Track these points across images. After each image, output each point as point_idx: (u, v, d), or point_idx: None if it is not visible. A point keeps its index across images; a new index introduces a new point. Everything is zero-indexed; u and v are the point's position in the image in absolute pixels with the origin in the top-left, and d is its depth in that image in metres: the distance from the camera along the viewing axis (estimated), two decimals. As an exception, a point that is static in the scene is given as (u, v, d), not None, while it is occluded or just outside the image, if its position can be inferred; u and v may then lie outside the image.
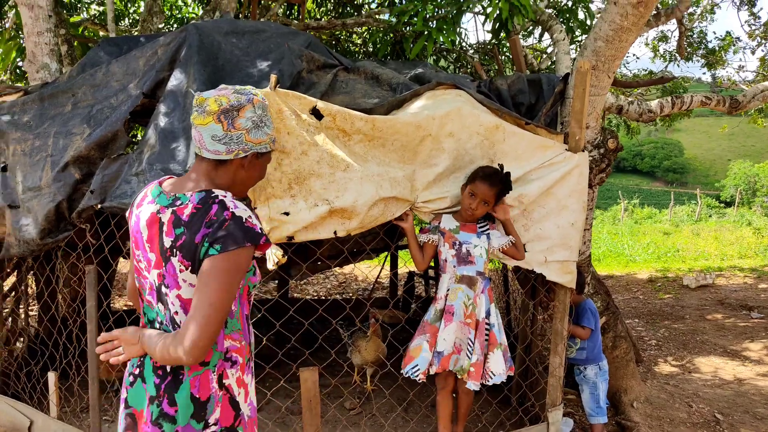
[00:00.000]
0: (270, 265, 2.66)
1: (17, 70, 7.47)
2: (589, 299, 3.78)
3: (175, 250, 1.64)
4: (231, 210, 1.63)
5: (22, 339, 4.35)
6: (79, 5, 8.34)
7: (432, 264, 7.10)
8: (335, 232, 2.74)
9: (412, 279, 7.19)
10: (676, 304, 7.36)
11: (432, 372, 3.01)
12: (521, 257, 3.08)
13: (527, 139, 3.10)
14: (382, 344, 4.14)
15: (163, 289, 1.68)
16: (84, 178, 3.24)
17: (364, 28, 7.96)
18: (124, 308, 7.02)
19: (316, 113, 2.67)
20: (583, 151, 3.22)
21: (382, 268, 7.47)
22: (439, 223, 3.09)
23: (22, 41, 6.76)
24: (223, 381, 1.71)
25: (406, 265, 6.78)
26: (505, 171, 2.99)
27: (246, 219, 1.63)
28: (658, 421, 3.89)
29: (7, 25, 6.72)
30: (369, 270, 10.11)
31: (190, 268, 1.62)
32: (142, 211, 1.76)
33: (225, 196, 1.68)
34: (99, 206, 3.08)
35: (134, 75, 3.35)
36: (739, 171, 37.62)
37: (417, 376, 2.98)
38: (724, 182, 41.00)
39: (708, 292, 7.83)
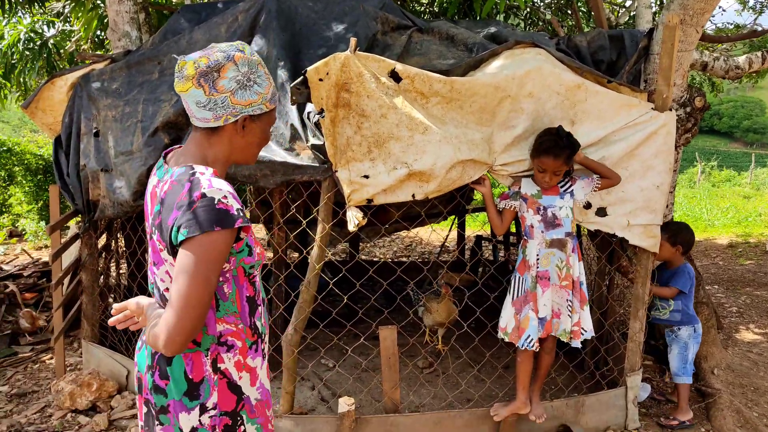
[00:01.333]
0: (351, 227, 2.73)
1: (96, 38, 7.79)
2: (688, 263, 3.65)
3: (154, 228, 1.56)
4: (202, 190, 1.45)
5: (114, 294, 4.66)
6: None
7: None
8: (413, 195, 2.77)
9: (480, 242, 7.17)
10: (758, 270, 7.01)
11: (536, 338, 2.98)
12: (618, 179, 2.96)
13: (610, 98, 2.99)
14: (453, 306, 4.18)
15: (154, 264, 1.63)
16: (172, 143, 3.39)
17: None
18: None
19: (395, 76, 2.67)
20: (670, 110, 3.08)
21: (450, 231, 7.48)
22: (519, 188, 3.01)
23: (101, 11, 7.03)
24: (218, 365, 1.62)
25: (483, 229, 6.76)
26: (561, 129, 2.87)
27: (219, 200, 1.45)
28: (741, 388, 3.78)
29: (89, -4, 6.97)
30: (433, 233, 10.14)
31: (166, 249, 1.53)
32: (149, 181, 1.69)
33: (203, 173, 1.51)
34: (186, 170, 3.22)
35: (217, 41, 3.43)
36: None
37: (532, 346, 2.94)
38: (813, 142, 38.03)
39: (795, 259, 7.41)
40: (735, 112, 59.46)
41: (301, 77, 2.57)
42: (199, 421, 1.60)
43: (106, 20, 6.93)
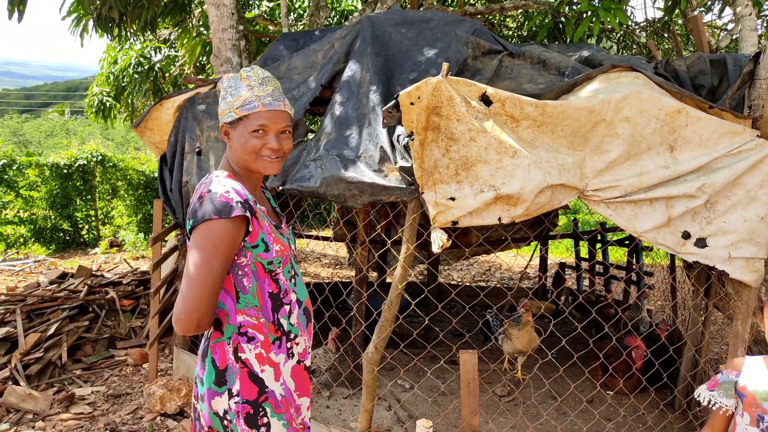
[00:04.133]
0: (435, 248, 2.75)
1: (198, 63, 8.35)
2: None
3: None
4: (210, 187, 1.69)
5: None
6: (251, 2, 9.09)
7: (585, 255, 6.85)
8: (500, 219, 2.75)
9: (563, 270, 6.97)
10: None
11: None
12: None
13: (713, 124, 2.86)
14: (534, 334, 4.09)
15: None
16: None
17: (519, 11, 7.78)
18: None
19: (486, 99, 2.69)
20: (778, 137, 2.90)
21: (532, 256, 7.32)
22: (737, 376, 1.91)
23: (205, 38, 7.53)
24: (239, 354, 1.73)
25: (568, 255, 6.60)
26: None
27: (221, 194, 1.65)
28: None
29: (192, 23, 7.51)
30: (514, 258, 9.95)
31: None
32: None
33: (218, 176, 1.75)
34: (280, 188, 3.38)
35: (313, 68, 3.60)
36: None
37: None
38: None
39: None
40: None
41: (393, 101, 2.65)
42: (228, 404, 1.74)
43: (208, 47, 7.43)
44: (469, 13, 6.15)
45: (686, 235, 2.89)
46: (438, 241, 2.77)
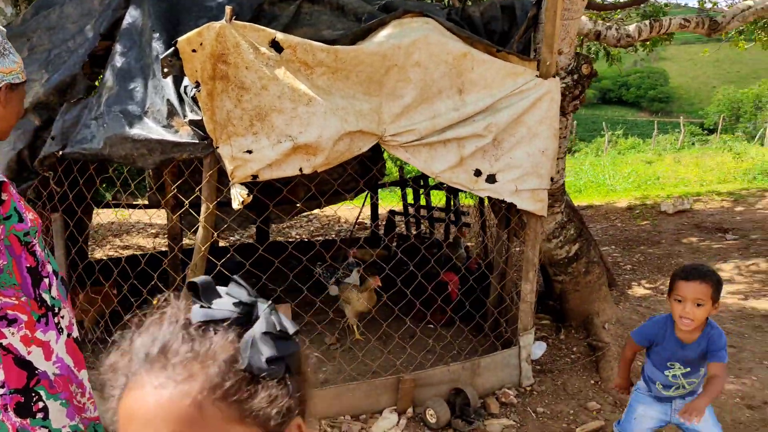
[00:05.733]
0: (235, 205, 2.64)
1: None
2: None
3: None
4: None
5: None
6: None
7: (412, 201, 7.16)
8: (301, 169, 2.71)
9: (392, 217, 7.22)
10: (653, 230, 7.48)
11: None
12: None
13: (496, 66, 3.03)
14: (374, 295, 4.09)
15: None
16: (44, 125, 3.16)
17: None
18: (104, 258, 7.02)
19: (276, 46, 2.58)
20: (554, 76, 3.17)
21: (363, 207, 7.48)
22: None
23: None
24: (0, 341, 1.57)
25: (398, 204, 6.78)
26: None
27: None
28: (629, 341, 4.03)
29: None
30: (350, 211, 10.14)
31: None
32: None
33: None
34: (60, 153, 3.01)
35: (90, 15, 3.21)
36: (723, 97, 37.50)
37: None
38: (708, 110, 40.93)
39: (685, 217, 7.95)
40: (641, 82, 62.86)
41: (172, 48, 2.44)
42: None
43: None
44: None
45: (478, 173, 3.08)
46: (238, 197, 2.66)
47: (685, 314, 2.24)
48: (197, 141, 2.66)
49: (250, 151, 2.62)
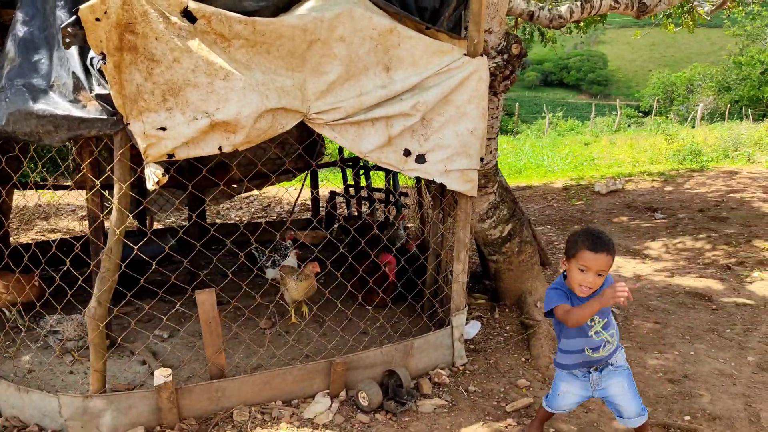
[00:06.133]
0: (149, 185, 2.49)
1: None
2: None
3: None
4: None
5: None
6: None
7: (352, 182, 7.08)
8: (220, 148, 2.58)
9: (333, 198, 7.13)
10: (586, 209, 7.68)
11: None
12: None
13: (424, 43, 2.97)
14: (314, 282, 3.98)
15: None
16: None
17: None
18: (30, 241, 6.64)
19: (188, 15, 2.43)
20: (482, 55, 3.14)
21: (302, 189, 7.35)
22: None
23: None
24: None
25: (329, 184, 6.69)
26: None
27: None
28: (559, 318, 4.10)
29: None
30: (293, 192, 9.96)
31: None
32: None
33: None
34: (-41, 129, 2.77)
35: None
36: (658, 81, 38.87)
37: None
38: (643, 92, 42.40)
39: (617, 197, 8.20)
40: (581, 65, 64.47)
41: (74, 17, 2.25)
42: None
43: None
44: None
45: (407, 153, 3.03)
46: (153, 176, 2.51)
47: (587, 284, 2.30)
48: (106, 117, 2.49)
49: (163, 128, 2.47)
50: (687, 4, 6.61)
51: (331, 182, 10.78)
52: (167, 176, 2.53)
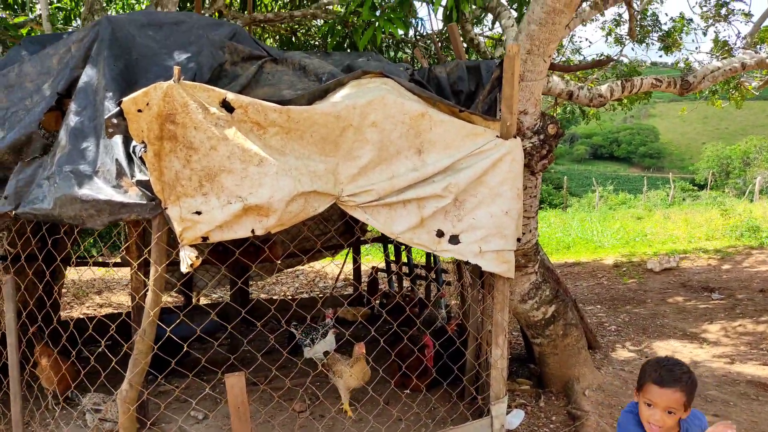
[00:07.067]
0: (183, 268, 2.54)
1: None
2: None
3: None
4: None
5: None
6: (25, 6, 8.08)
7: (393, 258, 7.05)
8: (253, 231, 2.62)
9: (374, 274, 7.10)
10: (639, 288, 7.35)
11: None
12: None
13: (456, 126, 3.00)
14: (366, 366, 3.72)
15: None
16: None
17: (322, 21, 7.80)
18: (82, 316, 6.83)
19: (227, 106, 2.54)
20: (515, 137, 3.13)
21: (344, 265, 7.36)
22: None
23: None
24: None
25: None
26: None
27: None
28: (609, 408, 3.84)
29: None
30: (337, 266, 9.99)
31: None
32: None
33: None
34: (13, 213, 2.93)
35: (48, 74, 3.19)
36: (713, 154, 38.03)
37: None
38: (697, 165, 41.45)
39: (671, 275, 7.84)
40: (632, 139, 64.00)
41: (117, 108, 2.39)
42: None
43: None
44: (259, 20, 6.01)
45: (440, 234, 2.99)
46: (187, 259, 2.55)
47: (654, 421, 2.10)
48: (145, 202, 2.58)
49: (199, 212, 2.53)
50: (734, 80, 6.52)
51: (374, 257, 10.80)
52: (200, 259, 2.57)
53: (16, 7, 8.44)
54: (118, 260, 7.44)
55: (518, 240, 3.20)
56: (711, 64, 5.32)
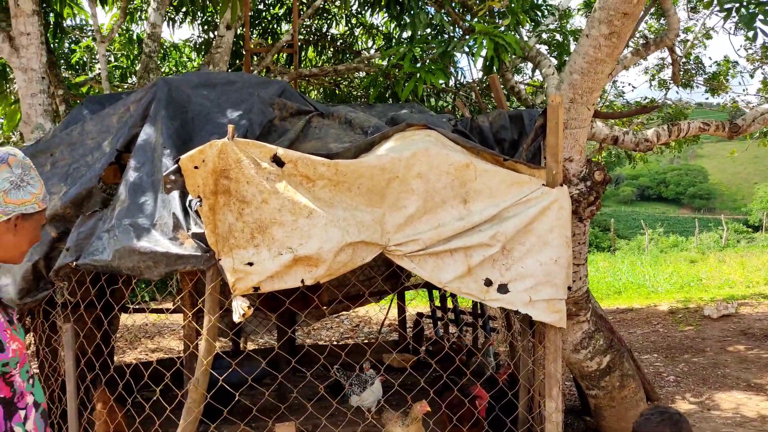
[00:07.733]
0: (236, 318, 2.59)
1: (18, 130, 7.71)
2: None
3: None
4: None
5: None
6: (86, 65, 8.66)
7: (438, 303, 6.99)
8: (302, 281, 2.67)
9: (419, 320, 7.03)
10: (696, 336, 7.04)
11: None
12: None
13: (501, 175, 3.01)
14: (422, 428, 3.57)
15: None
16: (60, 236, 3.25)
17: (364, 74, 8.06)
18: (134, 362, 6.97)
19: (277, 161, 2.64)
20: (561, 185, 3.12)
21: (388, 311, 7.33)
22: None
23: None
24: None
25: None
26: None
27: None
28: (670, 465, 3.63)
29: (10, 89, 6.96)
30: (380, 312, 9.95)
31: None
32: None
33: None
34: (74, 264, 3.07)
35: (108, 132, 3.39)
36: (766, 194, 36.67)
37: None
38: (751, 206, 39.97)
39: (730, 322, 7.48)
40: (680, 179, 62.35)
41: (174, 165, 2.52)
42: None
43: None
44: (305, 75, 6.25)
45: (488, 282, 2.97)
46: (239, 309, 2.61)
47: None
48: (200, 254, 2.67)
49: (251, 264, 2.60)
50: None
51: (419, 301, 10.71)
52: (252, 309, 2.63)
53: (77, 67, 9.05)
54: (170, 306, 7.64)
55: (569, 288, 3.15)
56: (761, 107, 5.21)
